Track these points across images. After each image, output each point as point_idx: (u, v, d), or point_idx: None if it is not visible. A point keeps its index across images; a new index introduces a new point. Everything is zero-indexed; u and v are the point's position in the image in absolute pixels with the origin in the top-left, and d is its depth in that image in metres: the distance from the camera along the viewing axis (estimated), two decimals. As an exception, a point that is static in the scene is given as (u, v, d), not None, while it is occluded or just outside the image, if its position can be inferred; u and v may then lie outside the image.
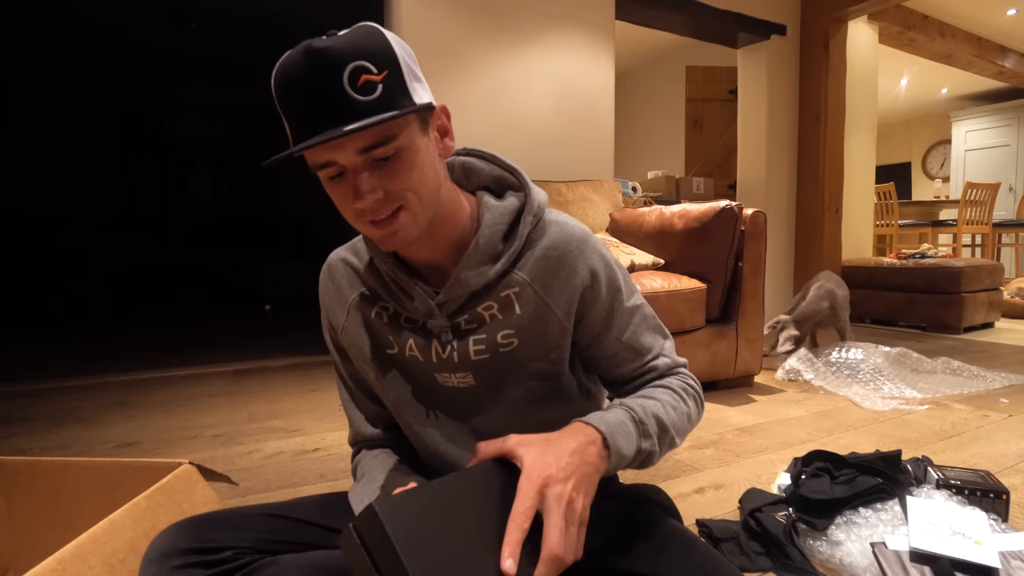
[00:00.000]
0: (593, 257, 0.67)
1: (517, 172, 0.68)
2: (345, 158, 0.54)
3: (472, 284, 0.63)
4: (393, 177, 0.55)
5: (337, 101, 0.51)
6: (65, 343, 3.17)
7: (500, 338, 0.65)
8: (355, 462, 0.75)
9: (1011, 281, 4.19)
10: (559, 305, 0.66)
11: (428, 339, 0.66)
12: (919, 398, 1.92)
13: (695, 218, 1.98)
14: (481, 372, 0.67)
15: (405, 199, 0.56)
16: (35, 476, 0.81)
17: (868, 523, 0.94)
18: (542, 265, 0.65)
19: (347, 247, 0.74)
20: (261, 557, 0.58)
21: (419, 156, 0.57)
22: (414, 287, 0.64)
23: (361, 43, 0.53)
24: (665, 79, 5.63)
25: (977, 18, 4.27)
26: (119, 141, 5.74)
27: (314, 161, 0.55)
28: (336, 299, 0.72)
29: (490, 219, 0.64)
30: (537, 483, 0.48)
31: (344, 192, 0.56)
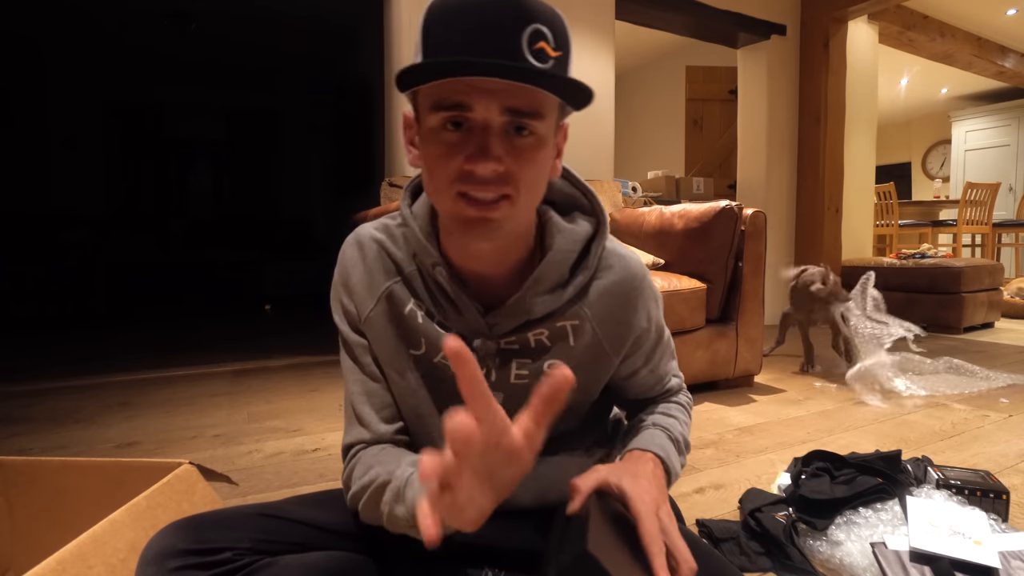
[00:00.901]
0: (651, 301, 0.67)
1: (591, 195, 0.64)
2: (486, 109, 0.48)
3: (534, 312, 0.60)
4: (519, 158, 0.50)
5: (510, 50, 0.47)
6: (65, 343, 3.17)
7: (546, 367, 0.62)
8: (354, 462, 0.63)
9: (1011, 281, 4.19)
10: (613, 346, 0.65)
11: None
12: (920, 395, 1.92)
13: (695, 218, 1.98)
14: (514, 395, 0.63)
15: (516, 189, 0.51)
16: (35, 476, 0.81)
17: (868, 523, 0.94)
18: (605, 301, 0.63)
19: (379, 227, 0.67)
20: (260, 558, 0.57)
21: (545, 153, 0.53)
22: (467, 303, 0.60)
23: (550, 14, 0.49)
24: (665, 79, 5.63)
25: (977, 18, 4.27)
26: (119, 141, 5.74)
27: (446, 96, 0.48)
28: (365, 284, 0.65)
29: (562, 244, 0.60)
30: (652, 507, 0.51)
31: (456, 145, 0.50)
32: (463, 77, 0.47)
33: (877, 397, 1.94)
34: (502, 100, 0.48)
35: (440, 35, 0.49)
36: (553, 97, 0.50)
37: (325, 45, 4.97)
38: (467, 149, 0.49)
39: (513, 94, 0.48)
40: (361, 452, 0.64)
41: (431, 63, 0.46)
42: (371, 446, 0.64)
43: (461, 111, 0.48)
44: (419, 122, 0.54)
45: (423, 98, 0.51)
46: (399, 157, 2.52)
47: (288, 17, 4.39)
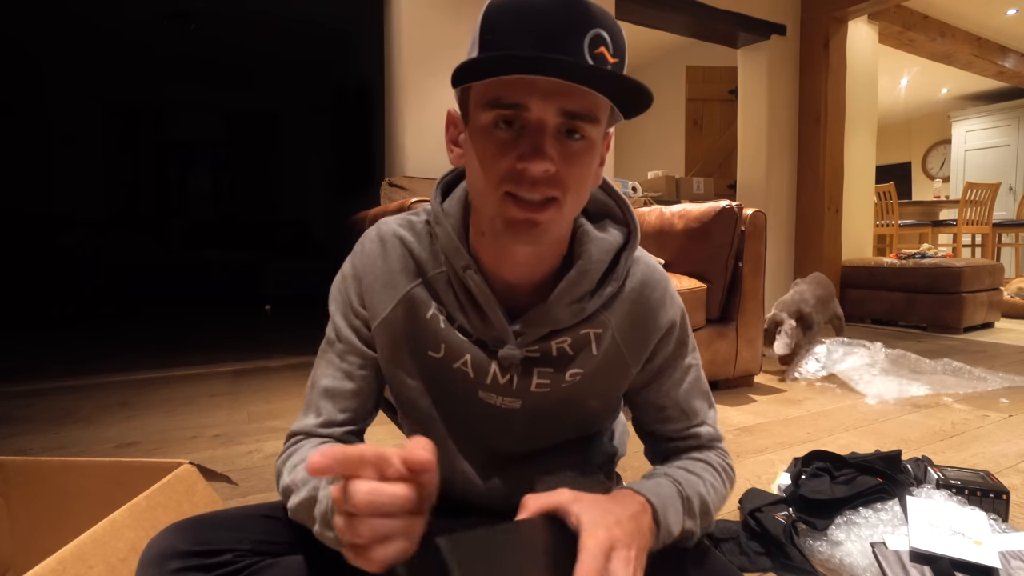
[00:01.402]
0: (674, 307, 0.65)
1: (624, 204, 0.63)
2: (543, 109, 0.48)
3: (561, 321, 0.59)
4: (570, 161, 0.50)
5: (572, 52, 0.46)
6: (65, 343, 3.17)
7: (568, 376, 0.62)
8: (292, 449, 0.62)
9: (1011, 281, 4.19)
10: (633, 354, 0.64)
11: (488, 358, 0.61)
12: (920, 395, 1.92)
13: (695, 218, 1.98)
14: (532, 402, 0.63)
15: (564, 193, 0.50)
16: (35, 476, 0.81)
17: (868, 523, 0.94)
18: (627, 309, 0.62)
19: (403, 224, 0.64)
20: (261, 559, 0.57)
21: (594, 158, 0.53)
22: (496, 310, 0.58)
23: (610, 20, 0.49)
24: (665, 79, 5.62)
25: (977, 18, 4.27)
26: (119, 141, 5.74)
27: (503, 94, 0.48)
28: (385, 283, 0.62)
29: (594, 253, 0.59)
30: (604, 544, 0.43)
31: (508, 144, 0.49)
32: (522, 75, 0.46)
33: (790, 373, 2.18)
34: (560, 101, 0.48)
35: (502, 33, 0.48)
36: (606, 102, 0.50)
37: (325, 45, 4.97)
38: (520, 148, 0.48)
39: (571, 96, 0.47)
40: (304, 441, 0.62)
41: (501, 57, 0.45)
42: (313, 437, 0.62)
43: (516, 110, 0.48)
44: (467, 119, 0.53)
45: (476, 95, 0.51)
46: (399, 157, 2.52)
47: (288, 17, 4.39)
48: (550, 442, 0.66)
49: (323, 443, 0.61)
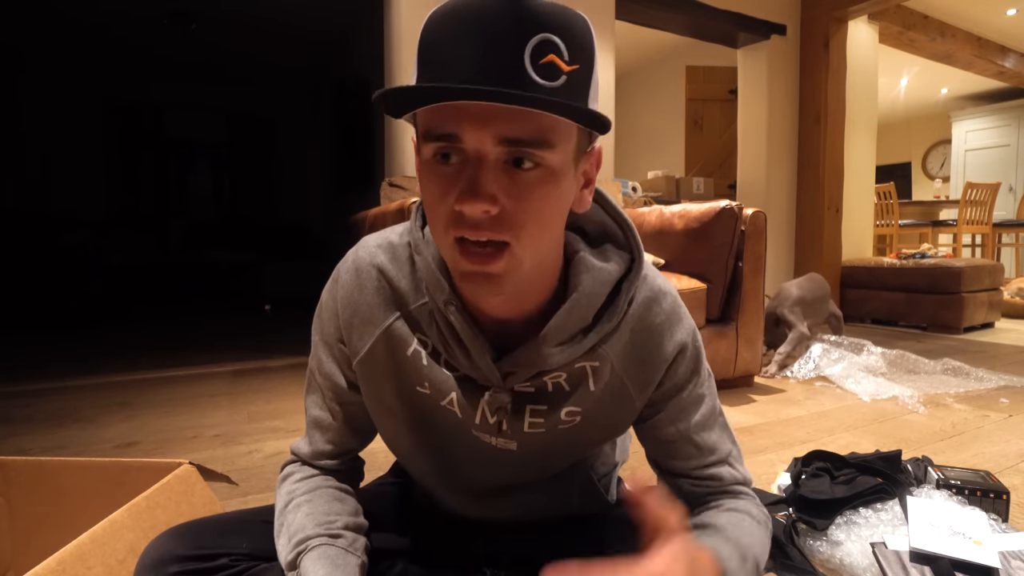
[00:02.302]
0: (683, 330, 0.58)
1: (627, 227, 0.56)
2: (478, 140, 0.41)
3: (552, 362, 0.53)
4: (520, 196, 0.43)
5: (509, 67, 0.40)
6: (65, 343, 3.17)
7: (564, 415, 0.56)
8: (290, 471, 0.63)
9: (1011, 281, 4.19)
10: (637, 385, 0.57)
11: (475, 397, 0.55)
12: (919, 396, 1.92)
13: (695, 218, 1.98)
14: (528, 442, 0.58)
15: (516, 235, 0.43)
16: (35, 476, 0.81)
17: (868, 523, 0.94)
18: (628, 337, 0.56)
19: (385, 248, 0.58)
20: (257, 563, 0.57)
21: (558, 188, 0.45)
22: (478, 347, 0.52)
23: (564, 21, 0.42)
24: (665, 79, 5.63)
25: (977, 18, 4.27)
26: (120, 141, 5.75)
27: (434, 125, 0.42)
28: (362, 317, 0.57)
29: (589, 286, 0.52)
30: None
31: (447, 181, 0.43)
32: (448, 102, 0.40)
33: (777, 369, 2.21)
34: (497, 128, 0.41)
35: (432, 51, 0.43)
36: (566, 121, 0.43)
37: (325, 45, 4.97)
38: (458, 185, 0.42)
39: (510, 120, 0.41)
40: (297, 470, 0.62)
41: (396, 91, 0.40)
42: (306, 467, 0.63)
43: (451, 142, 0.42)
44: (417, 150, 0.48)
45: (418, 126, 0.46)
46: (399, 157, 2.52)
47: (288, 17, 4.39)
48: (550, 473, 0.63)
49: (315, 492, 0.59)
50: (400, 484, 0.75)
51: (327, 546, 0.52)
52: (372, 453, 0.70)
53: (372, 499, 0.65)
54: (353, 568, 0.52)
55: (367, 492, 0.69)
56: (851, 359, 2.32)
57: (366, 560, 0.55)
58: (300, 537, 0.53)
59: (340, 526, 0.55)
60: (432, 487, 0.66)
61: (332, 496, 0.59)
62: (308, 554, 0.52)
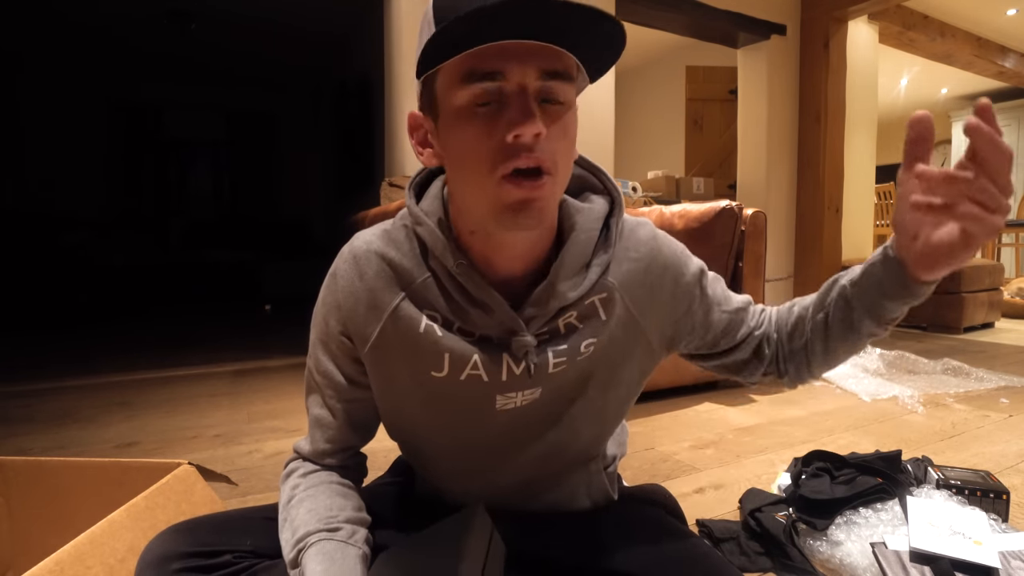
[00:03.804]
0: (668, 244, 0.64)
1: (600, 173, 0.62)
2: (522, 74, 0.45)
3: (567, 297, 0.56)
4: (557, 127, 0.48)
5: (540, 4, 0.42)
6: (65, 343, 3.17)
7: (582, 347, 0.59)
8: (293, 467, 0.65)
9: (1011, 281, 4.19)
10: (652, 327, 0.62)
11: (498, 354, 0.57)
12: (919, 396, 1.92)
13: (695, 218, 1.98)
14: (554, 386, 0.60)
15: (554, 163, 0.48)
16: (35, 476, 0.81)
17: (868, 523, 0.94)
18: (626, 267, 0.60)
19: (379, 235, 0.60)
20: (260, 561, 0.57)
21: (573, 124, 0.50)
22: (495, 298, 0.54)
23: None
24: (665, 79, 5.62)
25: (977, 18, 4.27)
26: (120, 141, 5.75)
27: (477, 64, 0.45)
28: (366, 303, 0.58)
29: (583, 223, 0.57)
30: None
31: (490, 120, 0.46)
32: (494, 43, 0.44)
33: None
34: (539, 62, 0.45)
35: (451, 4, 0.46)
36: (574, 61, 0.48)
37: (325, 44, 4.97)
38: (507, 116, 0.46)
39: (548, 56, 0.46)
40: (300, 466, 0.64)
41: (471, 12, 0.41)
42: (309, 462, 0.64)
43: (495, 80, 0.45)
44: (437, 112, 0.51)
45: (445, 79, 0.48)
46: (399, 157, 2.52)
47: (288, 17, 4.39)
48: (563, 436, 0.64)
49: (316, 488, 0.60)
50: (400, 484, 0.75)
51: (325, 541, 0.53)
52: (372, 453, 0.70)
53: (371, 499, 0.66)
54: (352, 560, 0.52)
55: (366, 492, 0.69)
56: (851, 359, 2.32)
57: (368, 551, 0.56)
58: (300, 534, 0.54)
59: (341, 520, 0.56)
60: (440, 478, 0.67)
61: (334, 491, 0.60)
62: (307, 551, 0.52)
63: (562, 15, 0.43)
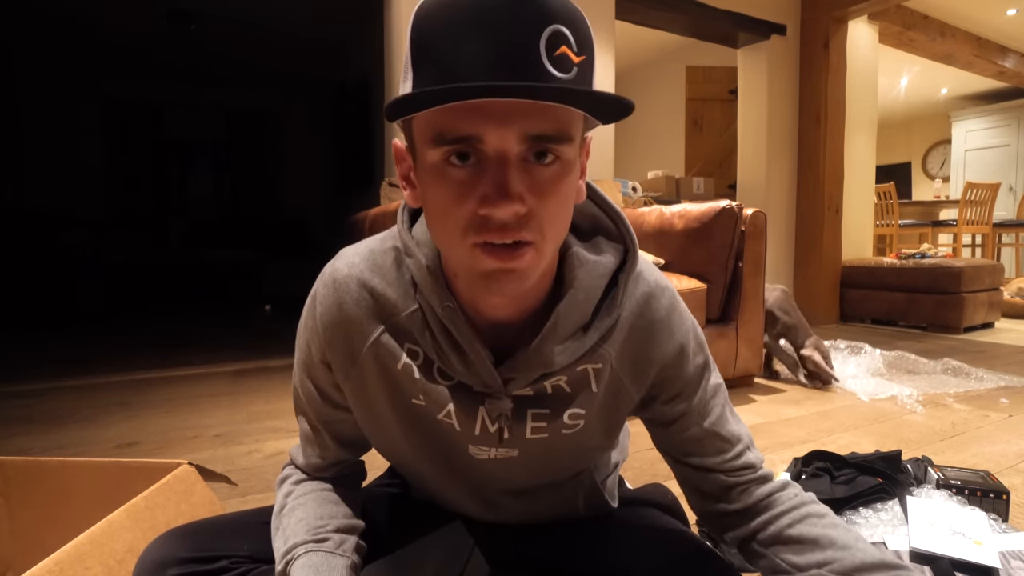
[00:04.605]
0: (682, 328, 0.56)
1: (618, 217, 0.54)
2: (501, 139, 0.39)
3: (555, 363, 0.50)
4: (543, 193, 0.41)
5: (525, 60, 0.37)
6: (65, 343, 3.17)
7: (567, 418, 0.54)
8: (287, 474, 0.64)
9: (1011, 281, 4.19)
10: (631, 377, 0.56)
11: (474, 407, 0.53)
12: (918, 395, 1.92)
13: (695, 218, 1.98)
14: (529, 449, 0.56)
15: (542, 233, 0.42)
16: (35, 476, 0.81)
17: (868, 523, 0.94)
18: (625, 335, 0.54)
19: (365, 257, 0.55)
20: (257, 566, 0.57)
21: (573, 180, 0.44)
22: (478, 352, 0.50)
23: (570, 9, 0.40)
24: (665, 79, 5.62)
25: (977, 18, 4.27)
26: (120, 141, 5.75)
27: (448, 127, 0.39)
28: (343, 334, 0.54)
29: (584, 280, 0.50)
30: None
31: (466, 185, 0.40)
32: (464, 102, 0.37)
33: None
34: (522, 126, 0.39)
35: (431, 47, 0.39)
36: (579, 113, 0.42)
37: (325, 44, 4.97)
38: (480, 189, 0.40)
39: (535, 117, 0.39)
40: (293, 473, 0.63)
41: (431, 92, 0.36)
42: (304, 478, 0.63)
43: (470, 142, 0.39)
44: (415, 155, 0.45)
45: (419, 127, 0.42)
46: (399, 157, 2.52)
47: (288, 17, 4.39)
48: (554, 478, 0.63)
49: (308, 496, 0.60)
50: (399, 485, 0.75)
51: (312, 553, 0.52)
52: (372, 453, 0.70)
53: (369, 500, 0.65)
54: (340, 570, 0.52)
55: (363, 494, 0.69)
56: (851, 359, 2.32)
57: (357, 560, 0.55)
58: (288, 546, 0.53)
59: (330, 529, 0.55)
60: (433, 493, 0.66)
61: (326, 499, 0.59)
62: (294, 563, 0.51)
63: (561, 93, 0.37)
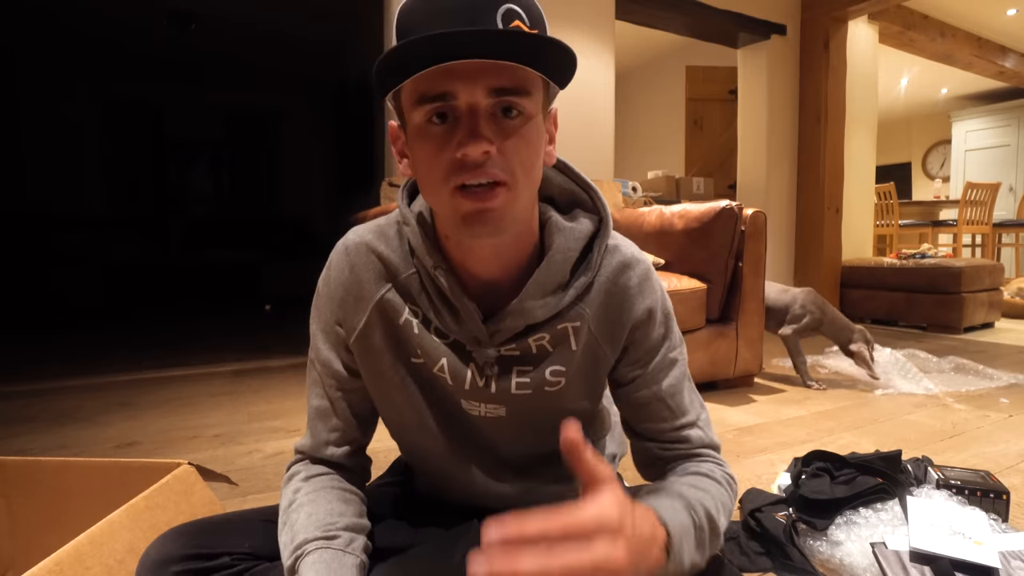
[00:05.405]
0: (652, 295, 0.61)
1: (593, 191, 0.60)
2: (470, 93, 0.46)
3: (535, 316, 0.56)
4: (510, 138, 0.48)
5: (485, 27, 0.46)
6: (65, 343, 3.17)
7: (548, 374, 0.60)
8: (295, 471, 0.63)
9: (1011, 281, 4.19)
10: (607, 340, 0.61)
11: (464, 362, 0.59)
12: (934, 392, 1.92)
13: (695, 218, 1.98)
14: (516, 407, 0.61)
15: (511, 174, 0.48)
16: (35, 476, 0.81)
17: (868, 523, 0.94)
18: (601, 298, 0.59)
19: (372, 229, 0.62)
20: (258, 563, 0.57)
21: (536, 134, 0.51)
22: (467, 306, 0.56)
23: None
24: (665, 79, 5.63)
25: (977, 18, 4.27)
26: (119, 141, 5.75)
27: (426, 88, 0.47)
28: (355, 294, 0.61)
29: (562, 243, 0.57)
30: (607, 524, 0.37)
31: (443, 137, 0.48)
32: (441, 64, 0.44)
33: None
34: (487, 81, 0.46)
35: (409, 27, 0.47)
36: (536, 75, 0.49)
37: (325, 44, 4.97)
38: (456, 136, 0.47)
39: (496, 73, 0.46)
40: (303, 468, 0.63)
41: (404, 46, 0.43)
42: (315, 464, 0.63)
43: (445, 101, 0.47)
44: (405, 126, 0.52)
45: (406, 97, 0.50)
46: (399, 157, 2.52)
47: (288, 17, 4.39)
48: (546, 448, 0.64)
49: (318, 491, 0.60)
50: (400, 483, 0.75)
51: (323, 550, 0.53)
52: (372, 453, 0.70)
53: (371, 500, 0.65)
54: (349, 569, 0.52)
55: (366, 493, 0.69)
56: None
57: (365, 559, 0.55)
58: (298, 541, 0.53)
59: (340, 527, 0.55)
60: (435, 469, 0.67)
61: (335, 496, 0.59)
62: (304, 559, 0.52)
63: (508, 40, 0.44)
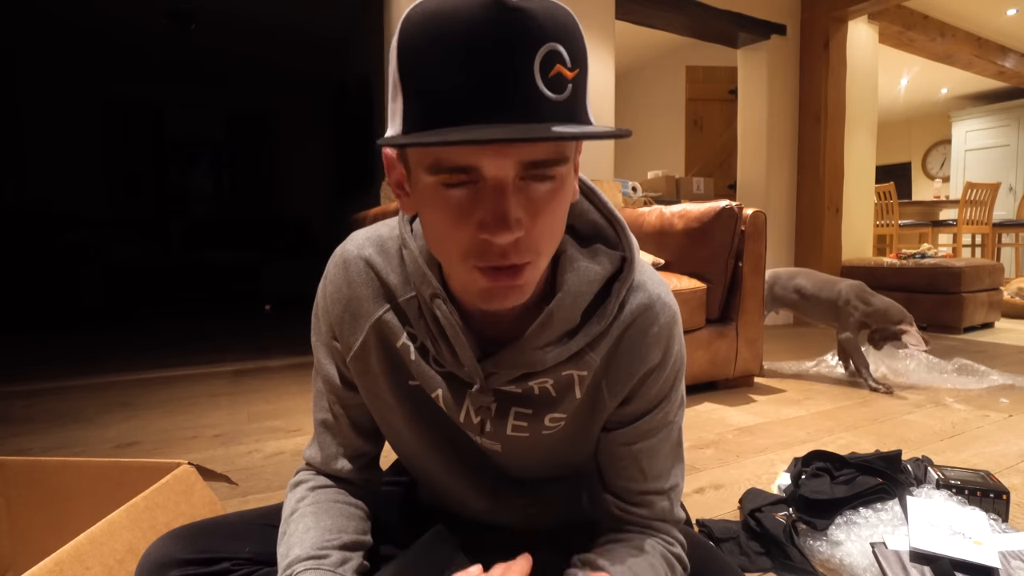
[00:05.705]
0: (671, 348, 0.55)
1: (619, 225, 0.53)
2: (499, 168, 0.38)
3: (537, 364, 0.51)
4: (540, 213, 0.41)
5: (521, 90, 0.36)
6: (65, 343, 3.17)
7: (548, 420, 0.55)
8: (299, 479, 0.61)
9: (1011, 281, 4.19)
10: (611, 389, 0.54)
11: (460, 395, 0.54)
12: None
13: (695, 218, 1.98)
14: (511, 445, 0.57)
15: (538, 252, 0.42)
16: (35, 476, 0.81)
17: (868, 523, 0.94)
18: (616, 344, 0.53)
19: (373, 241, 0.57)
20: (258, 568, 0.57)
21: (567, 193, 0.43)
22: (465, 347, 0.51)
23: (561, 20, 0.38)
24: (665, 79, 5.63)
25: (977, 18, 4.27)
26: (120, 141, 5.75)
27: (445, 158, 0.39)
28: (352, 311, 0.56)
29: (574, 284, 0.50)
30: None
31: (462, 209, 0.40)
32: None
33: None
34: (520, 155, 0.38)
35: (425, 72, 0.38)
36: None
37: (325, 45, 4.97)
38: (478, 214, 0.40)
39: (531, 146, 0.38)
40: (310, 478, 0.61)
41: (423, 142, 0.35)
42: (321, 475, 0.61)
43: (466, 172, 0.39)
44: (408, 169, 0.44)
45: (414, 154, 0.42)
46: (399, 157, 2.52)
47: (288, 17, 4.39)
48: (547, 473, 0.62)
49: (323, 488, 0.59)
50: (402, 484, 0.75)
51: (312, 571, 0.51)
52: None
53: (378, 505, 0.65)
54: None
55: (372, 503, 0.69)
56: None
57: None
58: (290, 558, 0.52)
59: (335, 545, 0.53)
60: (437, 488, 0.65)
61: (338, 512, 0.57)
62: None
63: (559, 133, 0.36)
